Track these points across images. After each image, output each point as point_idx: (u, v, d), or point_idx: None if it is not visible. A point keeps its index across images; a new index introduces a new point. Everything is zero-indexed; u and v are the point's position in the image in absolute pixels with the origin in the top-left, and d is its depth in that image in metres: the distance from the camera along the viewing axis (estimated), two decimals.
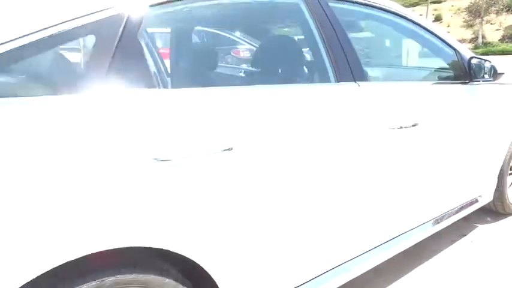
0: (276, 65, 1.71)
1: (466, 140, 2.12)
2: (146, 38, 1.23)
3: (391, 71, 2.27)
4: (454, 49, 2.18)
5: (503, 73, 2.21)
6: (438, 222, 2.05)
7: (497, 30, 33.20)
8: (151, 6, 1.19)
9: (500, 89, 2.33)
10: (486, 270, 2.08)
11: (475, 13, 33.39)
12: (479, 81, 2.14)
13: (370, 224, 1.68)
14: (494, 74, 2.16)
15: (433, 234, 2.06)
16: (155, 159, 1.05)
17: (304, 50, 1.70)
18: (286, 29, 1.86)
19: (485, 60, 2.15)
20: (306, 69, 1.74)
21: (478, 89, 2.18)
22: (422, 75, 2.42)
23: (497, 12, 33.02)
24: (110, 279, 1.01)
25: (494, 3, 32.57)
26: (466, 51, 2.23)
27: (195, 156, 1.11)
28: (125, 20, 1.11)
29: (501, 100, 2.35)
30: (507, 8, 32.82)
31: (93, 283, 0.99)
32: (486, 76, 2.16)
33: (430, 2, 31.92)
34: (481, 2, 32.85)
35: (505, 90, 2.36)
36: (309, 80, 1.64)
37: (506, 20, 32.89)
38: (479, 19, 32.88)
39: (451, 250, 2.29)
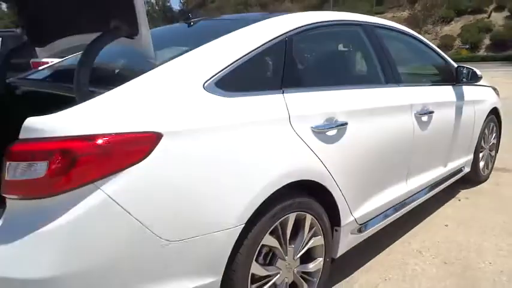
0: (353, 74, 2.47)
1: (456, 125, 2.98)
2: (301, 52, 1.93)
3: (408, 76, 3.11)
4: (445, 60, 3.06)
5: (481, 77, 3.10)
6: (445, 180, 2.91)
7: (434, 39, 36.12)
8: (297, 34, 1.89)
9: (477, 88, 3.23)
10: (472, 215, 2.96)
11: (414, 24, 36.27)
12: (463, 83, 3.01)
13: (416, 173, 2.50)
14: (474, 77, 3.03)
15: (431, 196, 2.89)
16: (312, 128, 1.75)
17: (365, 62, 2.47)
18: (356, 51, 2.62)
19: (468, 68, 3.02)
20: (368, 75, 2.51)
21: (462, 89, 3.05)
22: (426, 79, 3.27)
23: (434, 23, 36.14)
24: (297, 200, 1.70)
25: (431, 14, 35.62)
26: (452, 62, 3.10)
27: (332, 126, 1.83)
28: (285, 43, 1.81)
29: (477, 96, 3.26)
30: (442, 19, 36.03)
31: (290, 201, 1.67)
32: (466, 79, 3.03)
33: (374, 13, 34.27)
34: (419, 14, 35.77)
35: (480, 89, 3.28)
36: (370, 82, 2.39)
37: (441, 30, 36.04)
38: (418, 29, 35.72)
39: (446, 206, 3.17)
